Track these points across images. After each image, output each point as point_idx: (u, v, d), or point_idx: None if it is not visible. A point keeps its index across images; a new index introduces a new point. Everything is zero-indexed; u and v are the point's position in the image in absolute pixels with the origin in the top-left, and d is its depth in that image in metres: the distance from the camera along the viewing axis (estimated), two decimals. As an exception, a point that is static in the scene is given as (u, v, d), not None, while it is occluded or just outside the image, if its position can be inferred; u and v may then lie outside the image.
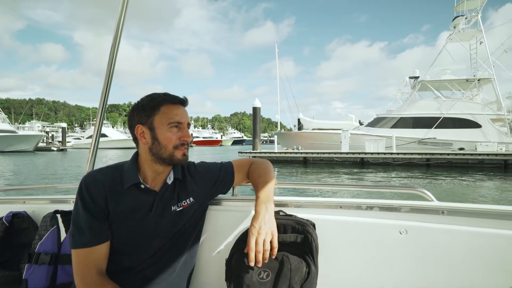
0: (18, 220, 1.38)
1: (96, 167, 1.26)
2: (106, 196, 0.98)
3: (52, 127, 77.92)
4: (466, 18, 19.78)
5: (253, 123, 20.82)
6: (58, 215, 1.29)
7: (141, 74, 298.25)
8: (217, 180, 1.15)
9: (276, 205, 1.17)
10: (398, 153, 16.11)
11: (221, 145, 72.19)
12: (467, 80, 19.63)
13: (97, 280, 0.94)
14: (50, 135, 55.87)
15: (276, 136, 21.13)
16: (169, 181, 1.05)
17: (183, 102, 1.03)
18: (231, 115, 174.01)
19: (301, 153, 18.03)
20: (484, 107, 18.24)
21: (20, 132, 39.98)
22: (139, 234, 1.00)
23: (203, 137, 72.64)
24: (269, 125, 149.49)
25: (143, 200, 1.00)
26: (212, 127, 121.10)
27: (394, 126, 19.39)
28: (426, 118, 18.80)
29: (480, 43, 19.36)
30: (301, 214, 1.13)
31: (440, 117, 18.32)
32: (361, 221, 1.09)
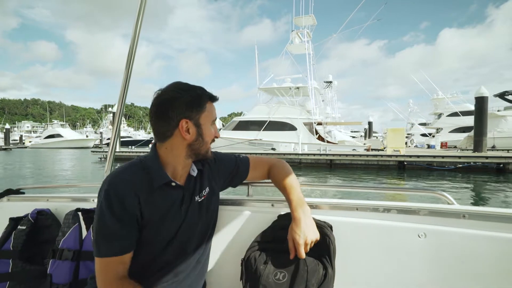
0: (42, 217, 1.42)
1: (83, 167, 1.69)
2: (138, 198, 0.90)
3: (41, 127, 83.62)
4: (297, 33, 21.88)
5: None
6: (80, 213, 1.32)
7: (138, 74, 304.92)
8: (231, 171, 1.16)
9: None
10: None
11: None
12: (290, 88, 21.69)
13: (118, 284, 0.90)
14: (19, 136, 60.07)
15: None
16: (194, 173, 1.04)
17: (217, 99, 1.04)
18: (228, 115, 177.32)
19: (136, 152, 20.38)
20: (301, 112, 20.24)
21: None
22: (170, 231, 0.97)
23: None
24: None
25: (174, 197, 0.97)
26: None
27: (235, 128, 21.53)
28: (258, 121, 20.81)
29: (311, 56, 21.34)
30: (317, 215, 1.11)
31: (267, 121, 20.44)
32: (378, 224, 1.07)
